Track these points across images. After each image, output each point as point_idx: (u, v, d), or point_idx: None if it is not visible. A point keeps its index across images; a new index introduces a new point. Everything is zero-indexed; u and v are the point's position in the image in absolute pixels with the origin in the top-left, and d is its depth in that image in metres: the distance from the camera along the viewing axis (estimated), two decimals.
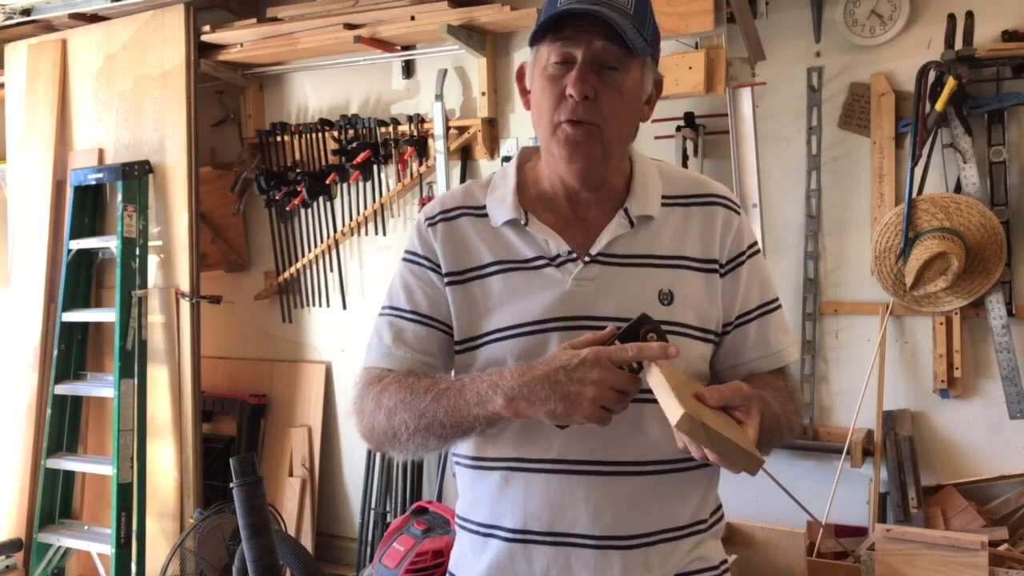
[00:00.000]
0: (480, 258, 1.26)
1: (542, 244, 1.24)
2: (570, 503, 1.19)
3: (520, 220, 1.25)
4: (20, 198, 3.89)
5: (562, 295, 1.21)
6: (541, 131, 1.22)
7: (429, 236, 1.29)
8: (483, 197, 1.30)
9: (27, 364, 3.74)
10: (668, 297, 1.22)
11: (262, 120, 3.89)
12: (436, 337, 1.27)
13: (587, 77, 1.16)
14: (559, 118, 1.18)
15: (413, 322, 1.27)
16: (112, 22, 3.71)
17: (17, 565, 3.57)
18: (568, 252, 1.23)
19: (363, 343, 1.35)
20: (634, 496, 1.19)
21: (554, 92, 1.18)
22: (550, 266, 1.23)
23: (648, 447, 1.19)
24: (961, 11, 2.67)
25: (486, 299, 1.24)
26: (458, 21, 3.15)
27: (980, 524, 2.67)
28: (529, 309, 1.21)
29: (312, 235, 3.81)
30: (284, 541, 2.65)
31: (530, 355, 1.18)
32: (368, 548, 3.62)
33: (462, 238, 1.28)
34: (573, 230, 1.25)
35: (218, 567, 2.95)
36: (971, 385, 2.82)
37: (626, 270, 1.22)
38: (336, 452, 3.86)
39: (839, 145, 2.94)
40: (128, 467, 3.33)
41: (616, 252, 1.23)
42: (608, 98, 1.17)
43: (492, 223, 1.27)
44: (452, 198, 1.33)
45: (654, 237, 1.25)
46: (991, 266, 2.68)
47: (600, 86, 1.16)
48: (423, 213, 1.33)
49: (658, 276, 1.23)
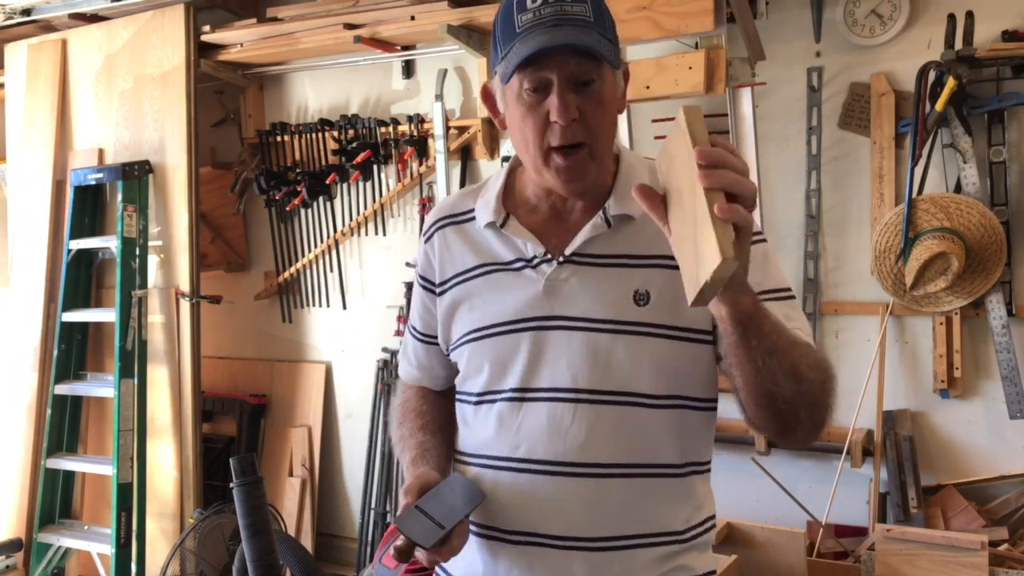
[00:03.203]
0: (464, 263, 1.29)
1: (520, 246, 1.25)
2: (534, 502, 1.19)
3: (497, 223, 1.26)
4: (20, 198, 3.89)
5: (535, 295, 1.21)
6: (528, 158, 1.20)
7: (430, 252, 1.35)
8: (473, 201, 1.32)
9: (27, 364, 3.74)
10: (644, 298, 1.19)
11: (262, 120, 3.89)
12: (437, 352, 1.38)
13: (568, 100, 1.13)
14: (548, 144, 1.16)
15: (419, 341, 1.41)
16: (112, 22, 3.71)
17: (17, 565, 3.57)
18: (544, 253, 1.23)
19: (363, 343, 1.40)
20: (600, 498, 1.18)
21: (536, 120, 1.15)
22: (527, 267, 1.23)
23: (620, 449, 1.17)
24: (961, 11, 2.67)
25: (468, 299, 1.28)
26: (458, 21, 3.15)
27: (980, 524, 2.67)
28: (504, 309, 1.23)
29: (312, 235, 3.81)
30: (284, 541, 2.65)
31: (504, 355, 1.22)
32: (368, 548, 3.62)
33: (449, 248, 1.32)
34: (553, 231, 1.25)
35: (218, 567, 2.95)
36: (971, 385, 2.82)
37: (601, 270, 1.21)
38: (336, 452, 3.86)
39: (839, 145, 2.94)
40: (128, 467, 3.33)
41: (591, 252, 1.22)
42: (592, 113, 1.15)
43: (476, 225, 1.30)
44: (440, 209, 1.37)
45: (633, 236, 1.22)
46: (991, 266, 2.68)
47: (582, 103, 1.14)
48: (424, 227, 1.39)
49: (634, 276, 1.20)
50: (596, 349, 1.18)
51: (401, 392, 1.47)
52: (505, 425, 1.21)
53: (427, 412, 1.40)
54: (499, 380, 1.23)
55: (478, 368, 1.25)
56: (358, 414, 3.78)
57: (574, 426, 1.17)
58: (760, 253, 1.22)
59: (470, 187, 1.37)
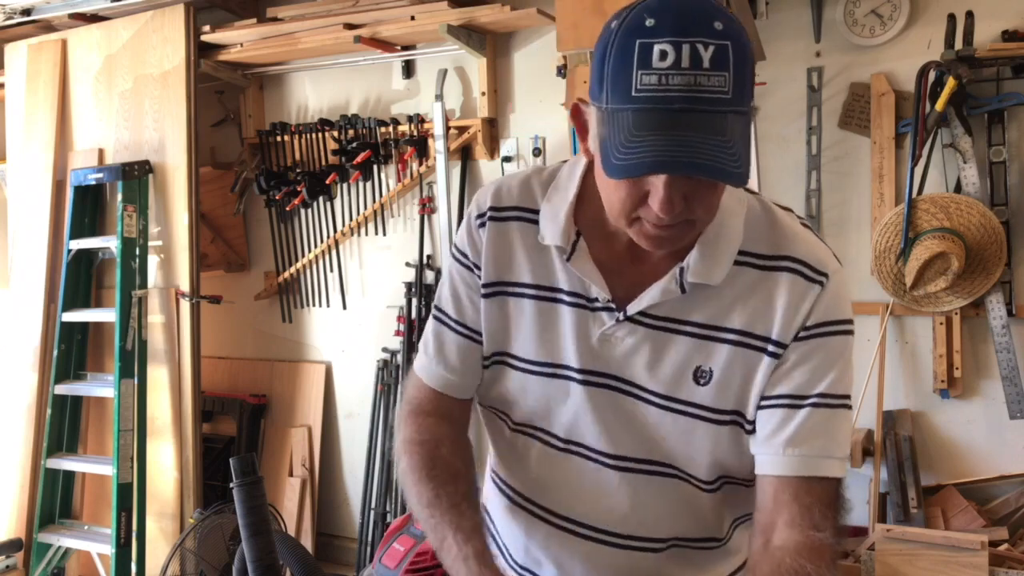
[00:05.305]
0: (520, 274, 1.13)
1: (584, 283, 1.09)
2: (569, 561, 1.16)
3: (565, 253, 1.09)
4: (20, 198, 3.88)
5: (589, 347, 1.09)
6: (611, 214, 1.01)
7: (477, 236, 1.15)
8: (541, 197, 1.13)
9: (27, 364, 3.74)
10: (706, 376, 1.06)
11: (262, 120, 3.89)
12: (479, 353, 1.17)
13: (677, 195, 0.93)
14: (640, 216, 0.97)
15: (457, 333, 1.18)
16: (112, 22, 3.70)
17: (17, 565, 3.57)
18: (607, 300, 1.08)
19: (363, 343, 1.36)
20: (638, 567, 1.15)
21: (632, 192, 0.95)
22: (585, 308, 1.09)
23: (663, 525, 1.14)
24: (961, 11, 2.66)
25: (518, 320, 1.13)
26: (458, 21, 3.14)
27: (980, 524, 2.67)
28: (555, 349, 1.11)
29: (312, 235, 3.80)
30: (284, 541, 2.64)
31: (549, 397, 1.12)
32: (368, 548, 3.62)
33: (508, 246, 1.14)
34: (623, 270, 1.09)
35: (218, 567, 2.95)
36: (971, 385, 2.82)
37: (663, 335, 1.07)
38: (336, 452, 3.86)
39: (839, 145, 2.94)
40: (128, 467, 3.32)
41: (657, 314, 1.07)
42: (704, 197, 0.96)
43: (540, 238, 1.11)
44: (508, 193, 1.15)
45: (708, 303, 1.06)
46: (991, 266, 2.68)
47: (692, 190, 0.94)
48: (476, 203, 1.17)
49: (699, 350, 1.07)
50: (645, 421, 1.09)
51: (416, 403, 1.21)
52: (544, 471, 1.15)
53: (459, 468, 1.18)
54: (542, 420, 1.15)
55: (518, 399, 1.15)
56: (358, 414, 3.78)
57: (616, 495, 1.12)
58: (822, 346, 1.08)
59: (536, 172, 1.17)
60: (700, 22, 0.88)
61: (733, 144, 0.89)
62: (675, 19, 0.88)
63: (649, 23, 0.89)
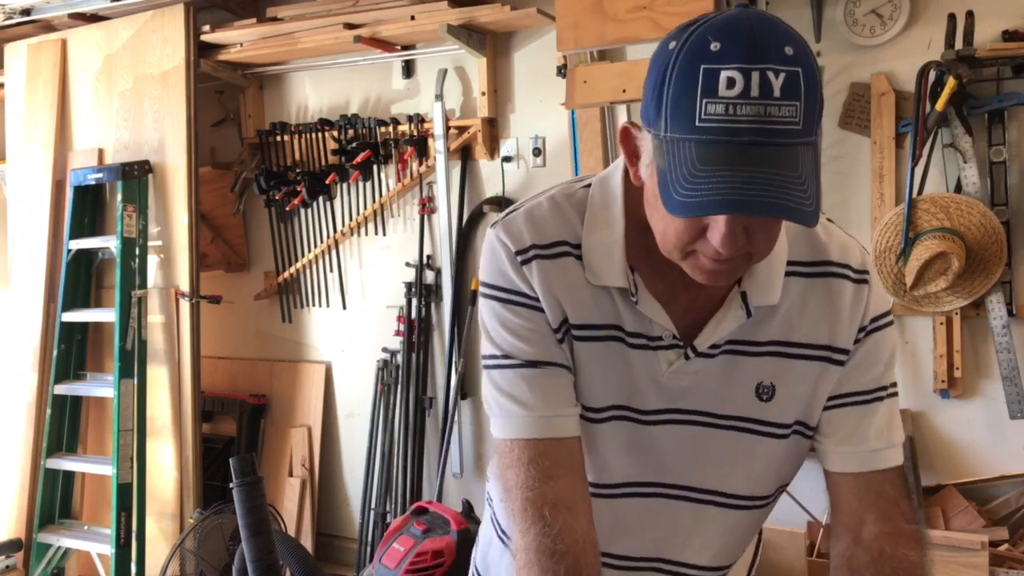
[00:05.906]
0: (581, 314, 1.04)
1: (646, 321, 1.04)
2: None
3: (631, 296, 1.02)
4: (20, 198, 3.88)
5: (657, 386, 1.05)
6: (664, 247, 0.96)
7: (527, 274, 1.04)
8: (580, 228, 1.04)
9: (27, 364, 3.74)
10: (769, 392, 1.05)
11: (262, 120, 3.89)
12: (571, 379, 1.06)
13: (738, 231, 0.88)
14: (695, 249, 0.92)
15: (548, 366, 1.04)
16: (112, 22, 3.70)
17: (17, 565, 3.57)
18: (673, 337, 1.03)
19: (363, 343, 1.33)
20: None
21: (691, 226, 0.90)
22: (647, 347, 1.04)
23: (718, 555, 1.18)
24: (961, 11, 2.66)
25: (589, 364, 1.06)
26: (458, 21, 3.14)
27: (980, 524, 2.67)
28: (618, 392, 1.06)
29: (312, 235, 3.80)
30: (284, 541, 2.65)
31: (611, 448, 1.08)
32: (368, 548, 3.62)
33: (563, 285, 1.03)
34: (678, 299, 1.03)
35: (218, 567, 2.95)
36: (971, 385, 2.82)
37: (727, 359, 1.04)
38: (336, 452, 3.86)
39: (839, 145, 2.94)
40: (128, 467, 3.32)
41: (718, 341, 1.04)
42: (767, 232, 0.91)
43: (591, 277, 1.03)
44: (543, 227, 1.04)
45: (765, 319, 1.04)
46: (991, 266, 2.68)
47: (754, 223, 0.89)
48: (510, 238, 1.05)
49: (761, 367, 1.04)
50: (706, 445, 1.08)
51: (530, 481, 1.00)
52: (622, 522, 1.13)
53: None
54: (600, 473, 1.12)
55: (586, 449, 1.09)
56: (358, 414, 3.78)
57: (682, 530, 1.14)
58: (878, 342, 1.07)
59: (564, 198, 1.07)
60: (771, 47, 0.82)
61: (804, 179, 0.83)
62: (744, 44, 0.82)
63: (715, 47, 0.83)
